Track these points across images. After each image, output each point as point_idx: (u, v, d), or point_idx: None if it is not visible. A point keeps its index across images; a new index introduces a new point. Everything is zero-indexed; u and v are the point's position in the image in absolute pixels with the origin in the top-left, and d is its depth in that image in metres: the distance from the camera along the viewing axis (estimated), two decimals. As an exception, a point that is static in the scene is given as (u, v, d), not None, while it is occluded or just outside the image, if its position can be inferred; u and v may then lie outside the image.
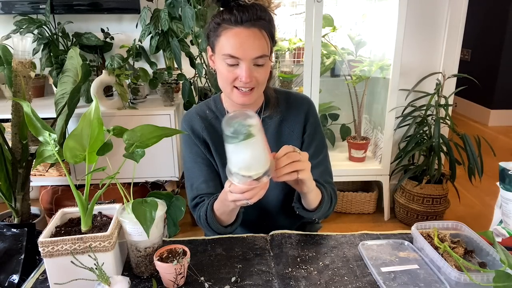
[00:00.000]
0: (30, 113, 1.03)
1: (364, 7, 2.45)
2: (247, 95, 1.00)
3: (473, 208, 2.60)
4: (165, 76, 2.29)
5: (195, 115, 1.13)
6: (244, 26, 0.93)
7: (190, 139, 1.12)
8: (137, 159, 0.85)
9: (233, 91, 1.00)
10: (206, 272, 0.91)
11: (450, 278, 0.82)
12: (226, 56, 0.95)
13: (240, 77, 0.96)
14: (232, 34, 0.94)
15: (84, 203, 0.86)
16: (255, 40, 0.94)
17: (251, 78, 0.96)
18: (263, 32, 0.95)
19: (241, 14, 0.92)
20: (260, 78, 0.99)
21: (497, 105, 4.12)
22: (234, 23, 0.93)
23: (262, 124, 1.06)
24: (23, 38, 1.71)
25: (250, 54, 0.94)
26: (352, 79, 2.34)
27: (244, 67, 0.95)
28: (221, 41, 0.96)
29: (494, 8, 4.00)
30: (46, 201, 2.22)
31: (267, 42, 0.96)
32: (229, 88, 1.00)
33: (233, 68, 0.96)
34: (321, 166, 1.13)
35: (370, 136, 2.55)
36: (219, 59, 0.98)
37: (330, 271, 0.91)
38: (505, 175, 0.96)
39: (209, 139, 1.11)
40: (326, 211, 1.07)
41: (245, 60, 0.95)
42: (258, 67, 0.97)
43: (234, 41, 0.94)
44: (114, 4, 2.34)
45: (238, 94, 1.00)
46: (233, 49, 0.94)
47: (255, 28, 0.93)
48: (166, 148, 2.16)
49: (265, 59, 0.97)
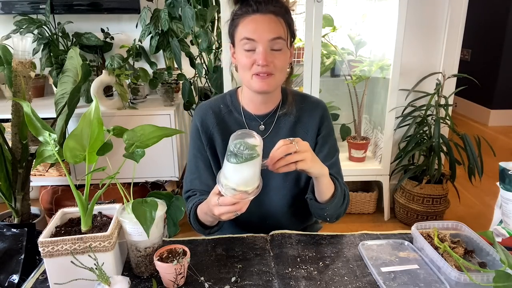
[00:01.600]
0: (30, 113, 1.03)
1: (364, 7, 2.45)
2: (265, 79, 1.00)
3: (473, 208, 2.60)
4: (165, 76, 2.29)
5: (208, 110, 1.14)
6: (259, 13, 0.97)
7: (196, 133, 1.13)
8: (137, 159, 0.85)
9: (252, 78, 1.01)
10: (206, 272, 0.91)
11: (450, 278, 0.82)
12: (244, 41, 0.98)
13: (257, 61, 0.98)
14: (248, 20, 0.98)
15: (84, 203, 0.86)
16: (271, 23, 0.97)
17: (267, 61, 0.97)
18: (279, 18, 0.98)
19: (257, 4, 0.97)
20: (278, 64, 1.00)
21: (497, 105, 4.12)
22: (251, 11, 0.98)
23: (277, 122, 1.11)
24: (23, 38, 1.71)
25: (265, 35, 0.97)
26: (352, 79, 2.34)
27: (261, 49, 0.97)
28: (239, 29, 1.00)
29: (494, 8, 4.00)
30: (46, 201, 2.22)
31: (283, 27, 0.99)
32: (249, 75, 1.01)
33: (251, 53, 0.99)
34: (334, 167, 1.13)
35: (370, 136, 2.55)
36: (238, 47, 1.01)
37: (330, 271, 0.91)
38: (505, 175, 0.96)
39: (219, 135, 1.11)
40: (338, 207, 1.06)
41: (261, 42, 0.97)
42: (275, 52, 0.99)
43: (250, 25, 0.98)
44: (114, 4, 2.34)
45: (257, 79, 1.01)
46: (249, 32, 0.97)
47: (271, 14, 0.97)
48: (166, 148, 2.16)
49: (282, 43, 0.99)
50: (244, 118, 1.12)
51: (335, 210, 1.06)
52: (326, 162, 1.10)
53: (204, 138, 1.12)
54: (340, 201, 1.06)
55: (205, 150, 1.12)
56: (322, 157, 1.12)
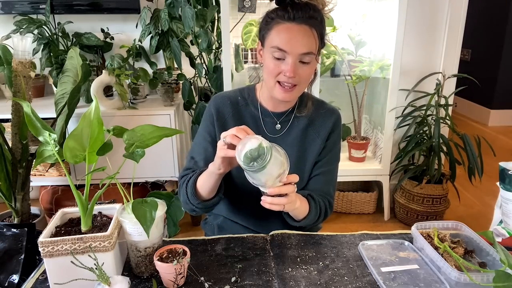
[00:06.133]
0: (30, 113, 1.03)
1: (364, 7, 2.44)
2: (289, 91, 1.01)
3: (473, 208, 2.60)
4: (165, 76, 2.29)
5: (226, 99, 1.14)
6: (295, 22, 0.95)
7: (210, 118, 1.12)
8: (137, 159, 0.85)
9: (275, 86, 1.01)
10: (206, 272, 0.91)
11: (450, 278, 0.82)
12: (274, 49, 0.97)
13: (284, 71, 0.98)
14: (283, 28, 0.96)
15: (84, 203, 0.86)
16: (304, 36, 0.96)
17: (295, 73, 0.97)
18: (313, 30, 0.97)
19: (295, 11, 0.95)
20: (304, 76, 1.00)
21: (497, 105, 4.12)
22: (286, 19, 0.96)
23: (291, 122, 1.12)
24: (23, 38, 1.71)
25: (297, 49, 0.96)
26: (352, 79, 2.34)
27: (290, 61, 0.96)
28: (271, 34, 0.98)
29: (494, 8, 4.00)
30: (46, 201, 2.22)
31: (316, 41, 0.98)
32: (272, 82, 1.01)
33: (279, 62, 0.98)
34: (329, 175, 1.15)
35: (370, 136, 2.55)
36: (267, 52, 1.00)
37: (330, 271, 0.91)
38: (505, 175, 0.96)
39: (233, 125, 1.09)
40: (312, 223, 1.07)
41: (291, 55, 0.96)
42: (303, 64, 0.99)
43: (284, 35, 0.96)
44: (114, 4, 2.34)
45: (280, 89, 1.01)
46: (281, 42, 0.96)
47: (306, 25, 0.96)
48: (166, 148, 2.16)
49: (311, 57, 0.99)
50: (261, 113, 1.12)
51: (308, 224, 1.07)
52: (323, 167, 1.13)
53: (217, 125, 1.11)
54: (315, 218, 1.06)
55: (215, 136, 1.11)
56: (322, 162, 1.14)
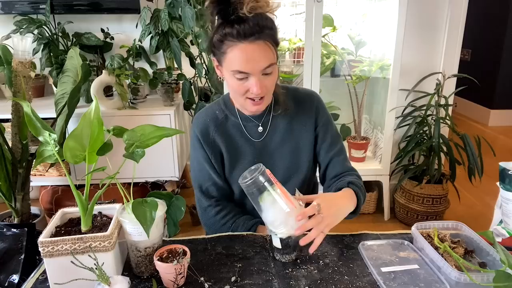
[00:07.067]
0: (30, 113, 1.03)
1: (364, 7, 2.44)
2: (259, 104, 1.02)
3: (473, 208, 2.60)
4: (165, 76, 2.29)
5: (205, 118, 1.14)
6: (248, 40, 0.92)
7: (198, 143, 1.13)
8: (137, 159, 0.85)
9: (246, 101, 1.02)
10: (206, 271, 0.91)
11: (450, 278, 0.82)
12: (235, 72, 0.96)
13: (251, 90, 0.98)
14: (238, 51, 0.93)
15: (84, 203, 0.86)
16: (261, 52, 0.94)
17: (262, 89, 0.98)
18: (267, 42, 0.94)
19: (243, 27, 0.91)
20: (270, 86, 1.01)
21: (497, 105, 4.11)
22: (237, 37, 0.92)
23: (273, 120, 1.12)
24: (23, 38, 1.71)
25: (258, 67, 0.95)
26: (352, 79, 2.33)
27: (254, 80, 0.96)
28: (228, 58, 0.95)
29: (494, 8, 3.99)
30: (46, 201, 2.22)
31: (273, 51, 0.97)
32: (241, 99, 1.02)
33: (243, 81, 0.98)
34: (341, 153, 1.17)
35: (370, 136, 2.55)
36: (228, 73, 0.99)
37: (330, 270, 0.91)
38: (505, 175, 0.96)
39: (220, 138, 1.12)
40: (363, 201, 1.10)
41: (254, 74, 0.96)
42: (267, 76, 0.98)
43: (241, 58, 0.93)
44: (114, 4, 2.34)
45: (251, 104, 1.02)
46: (241, 65, 0.94)
47: (260, 40, 0.93)
48: (166, 148, 2.16)
49: (273, 67, 0.98)
50: (241, 120, 1.13)
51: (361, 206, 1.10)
52: (332, 150, 1.15)
53: (207, 148, 1.12)
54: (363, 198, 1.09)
55: (210, 158, 1.13)
56: (327, 146, 1.15)
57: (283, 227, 0.89)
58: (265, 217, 0.91)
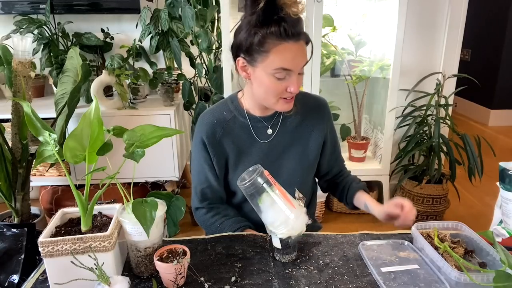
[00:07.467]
0: (30, 113, 1.03)
1: (364, 7, 2.44)
2: (291, 101, 1.04)
3: (473, 208, 2.60)
4: (165, 76, 2.29)
5: (212, 120, 1.12)
6: (293, 39, 0.95)
7: (202, 145, 1.12)
8: (137, 159, 0.85)
9: (278, 101, 1.03)
10: (206, 271, 0.91)
11: (450, 278, 0.82)
12: (278, 70, 0.97)
13: (289, 88, 0.99)
14: (284, 49, 0.95)
15: (84, 203, 0.85)
16: (303, 51, 0.98)
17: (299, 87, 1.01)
18: (305, 43, 0.99)
19: (287, 27, 0.93)
20: (300, 84, 1.03)
21: (497, 105, 4.12)
22: (283, 37, 0.94)
23: (282, 122, 1.14)
24: (23, 38, 1.71)
25: (300, 65, 0.99)
26: (352, 79, 2.34)
27: (295, 78, 0.99)
28: (271, 57, 0.96)
29: (494, 8, 3.99)
30: (46, 201, 2.22)
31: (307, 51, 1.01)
32: (274, 98, 1.02)
33: (281, 81, 0.99)
34: (340, 156, 1.28)
35: (370, 136, 2.55)
36: (266, 73, 0.98)
37: (330, 270, 0.91)
38: (505, 175, 0.96)
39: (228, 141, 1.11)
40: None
41: (295, 71, 0.98)
42: (300, 75, 1.01)
43: (287, 56, 0.96)
44: (114, 4, 2.34)
45: (283, 102, 1.03)
46: (286, 63, 0.96)
47: (301, 40, 0.97)
48: (166, 148, 2.16)
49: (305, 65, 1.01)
50: (250, 121, 1.12)
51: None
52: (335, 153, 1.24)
53: (211, 150, 1.11)
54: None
55: (212, 161, 1.12)
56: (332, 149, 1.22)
57: (283, 228, 0.89)
58: (265, 218, 0.91)
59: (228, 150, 1.12)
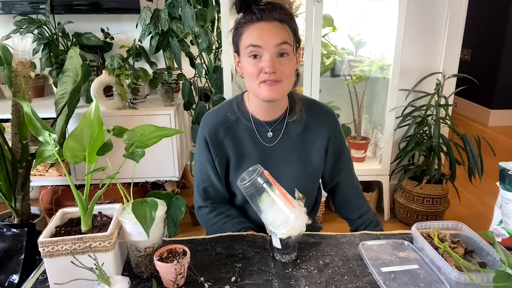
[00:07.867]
0: (30, 113, 1.03)
1: (364, 7, 2.44)
2: (273, 86, 0.99)
3: (473, 208, 2.60)
4: (165, 76, 2.29)
5: (215, 120, 1.12)
6: (264, 20, 0.96)
7: (205, 144, 1.12)
8: (137, 159, 0.85)
9: (260, 86, 1.00)
10: (206, 271, 0.91)
11: (450, 278, 0.82)
12: (249, 48, 0.97)
13: (264, 68, 0.97)
14: (253, 28, 0.97)
15: (84, 203, 0.86)
16: (276, 29, 0.97)
17: (275, 68, 0.97)
18: (284, 24, 0.97)
19: (261, 12, 0.96)
20: (285, 70, 0.99)
21: (497, 105, 4.12)
22: (255, 20, 0.97)
23: (286, 128, 1.12)
24: (23, 38, 1.71)
25: (272, 41, 0.96)
26: (352, 79, 2.34)
27: (268, 56, 0.96)
28: (244, 38, 0.99)
29: (494, 8, 4.00)
30: (46, 201, 2.22)
31: (289, 33, 0.98)
32: (255, 84, 1.00)
33: (257, 61, 0.98)
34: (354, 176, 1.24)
35: (370, 136, 2.55)
36: (244, 57, 1.00)
37: (330, 270, 0.91)
38: (505, 175, 0.96)
39: (229, 143, 1.11)
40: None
41: (267, 48, 0.96)
42: (282, 58, 0.98)
43: (255, 33, 0.97)
44: (114, 4, 2.34)
45: (265, 87, 0.99)
46: (254, 39, 0.97)
47: (276, 21, 0.97)
48: (166, 148, 2.16)
49: (288, 48, 0.98)
50: (254, 125, 1.11)
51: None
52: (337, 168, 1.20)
53: (213, 150, 1.11)
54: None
55: (214, 161, 1.12)
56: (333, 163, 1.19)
57: (283, 228, 0.89)
58: (265, 218, 0.91)
59: (229, 152, 1.11)
